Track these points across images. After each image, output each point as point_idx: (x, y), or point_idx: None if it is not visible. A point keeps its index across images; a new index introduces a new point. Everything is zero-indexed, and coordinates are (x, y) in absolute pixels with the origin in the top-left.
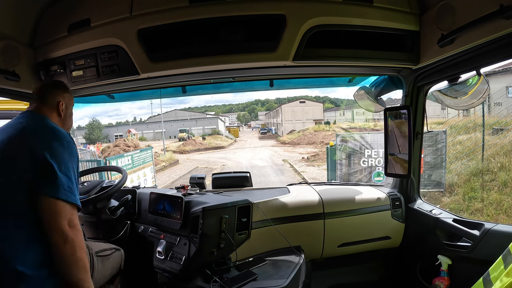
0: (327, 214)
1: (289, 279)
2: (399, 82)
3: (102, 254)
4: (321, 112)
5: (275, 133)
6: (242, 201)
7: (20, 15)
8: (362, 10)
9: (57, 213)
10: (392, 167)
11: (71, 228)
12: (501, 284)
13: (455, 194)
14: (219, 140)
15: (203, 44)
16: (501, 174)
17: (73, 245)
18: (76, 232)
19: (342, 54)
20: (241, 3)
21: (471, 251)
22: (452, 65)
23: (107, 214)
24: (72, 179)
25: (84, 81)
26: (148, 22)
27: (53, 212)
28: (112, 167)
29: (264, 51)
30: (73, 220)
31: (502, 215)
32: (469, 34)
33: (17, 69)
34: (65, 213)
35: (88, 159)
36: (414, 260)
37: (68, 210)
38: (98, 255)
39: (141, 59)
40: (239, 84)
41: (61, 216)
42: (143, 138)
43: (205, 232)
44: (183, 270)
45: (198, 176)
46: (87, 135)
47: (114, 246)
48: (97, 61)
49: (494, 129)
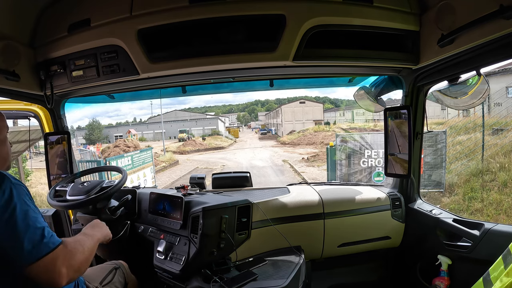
0: (327, 214)
1: (289, 279)
2: (399, 82)
3: (106, 282)
4: (321, 113)
5: (275, 134)
6: (242, 201)
7: (20, 15)
8: (362, 10)
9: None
10: (392, 167)
11: (68, 268)
12: (501, 284)
13: (455, 194)
14: (219, 140)
15: (203, 44)
16: (501, 174)
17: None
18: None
19: (342, 54)
20: (241, 3)
21: (471, 251)
22: (452, 65)
23: (107, 214)
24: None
25: (84, 81)
26: (148, 22)
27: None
28: (112, 167)
29: (264, 51)
30: (66, 261)
31: (502, 215)
32: (469, 34)
33: (17, 69)
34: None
35: (88, 160)
36: (414, 260)
37: (59, 256)
38: (103, 285)
39: (141, 59)
40: (239, 84)
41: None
42: (143, 139)
43: (205, 232)
44: (183, 270)
45: (198, 176)
46: (87, 135)
47: (113, 264)
48: (97, 61)
49: (494, 129)
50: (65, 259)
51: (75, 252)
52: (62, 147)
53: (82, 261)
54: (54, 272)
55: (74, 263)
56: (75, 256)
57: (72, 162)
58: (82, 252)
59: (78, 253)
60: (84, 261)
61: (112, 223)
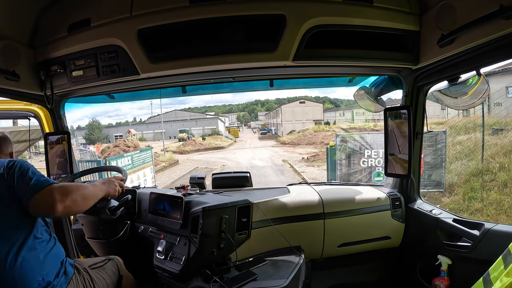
0: (327, 214)
1: (289, 279)
2: (399, 82)
3: (95, 267)
4: (321, 113)
5: (275, 134)
6: (242, 201)
7: (20, 15)
8: (362, 10)
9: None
10: (392, 167)
11: (63, 196)
12: (501, 284)
13: (455, 194)
14: (219, 140)
15: (203, 44)
16: (501, 174)
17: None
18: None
19: (342, 54)
20: (241, 3)
21: (471, 251)
22: (452, 65)
23: (107, 214)
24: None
25: (84, 81)
26: (148, 22)
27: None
28: (112, 167)
29: (264, 51)
30: (61, 191)
31: (502, 215)
32: (469, 34)
33: (17, 69)
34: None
35: (88, 160)
36: (414, 260)
37: (54, 188)
38: (92, 268)
39: (141, 59)
40: (239, 84)
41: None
42: (143, 139)
43: (205, 232)
44: (183, 270)
45: (198, 176)
46: (87, 135)
47: (106, 257)
48: (97, 61)
49: (494, 129)
50: (60, 190)
51: (70, 187)
52: (62, 147)
53: (78, 195)
54: (50, 199)
55: (69, 195)
56: (70, 189)
57: (72, 162)
58: (78, 189)
59: (74, 188)
60: (80, 197)
61: (112, 223)
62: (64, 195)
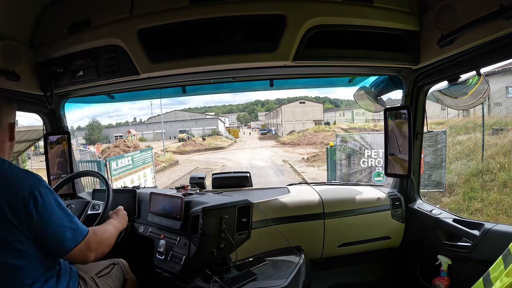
0: (327, 214)
1: (289, 279)
2: (399, 82)
3: (102, 274)
4: (321, 113)
5: (275, 134)
6: (242, 201)
7: (20, 15)
8: (362, 10)
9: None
10: (392, 167)
11: (97, 251)
12: (501, 284)
13: (455, 194)
14: (219, 140)
15: (203, 44)
16: (501, 174)
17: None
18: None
19: (342, 54)
20: (241, 3)
21: (471, 251)
22: (452, 65)
23: None
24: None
25: (84, 81)
26: (148, 22)
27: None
28: (93, 173)
29: (264, 51)
30: (95, 245)
31: (502, 215)
32: (469, 34)
33: (17, 69)
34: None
35: (88, 160)
36: (414, 260)
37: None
38: (98, 277)
39: (141, 59)
40: (239, 84)
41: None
42: (143, 139)
43: (205, 232)
44: (183, 270)
45: (198, 176)
46: (87, 135)
47: (111, 261)
48: (97, 61)
49: (494, 129)
50: (95, 244)
51: (100, 236)
52: (62, 147)
53: (106, 241)
54: (87, 257)
55: (101, 243)
56: (100, 237)
57: (72, 162)
58: (106, 236)
59: (104, 236)
60: (107, 242)
61: None
62: (97, 244)
